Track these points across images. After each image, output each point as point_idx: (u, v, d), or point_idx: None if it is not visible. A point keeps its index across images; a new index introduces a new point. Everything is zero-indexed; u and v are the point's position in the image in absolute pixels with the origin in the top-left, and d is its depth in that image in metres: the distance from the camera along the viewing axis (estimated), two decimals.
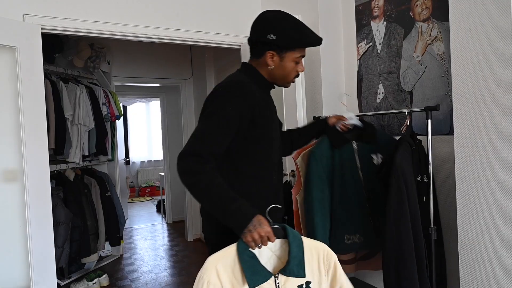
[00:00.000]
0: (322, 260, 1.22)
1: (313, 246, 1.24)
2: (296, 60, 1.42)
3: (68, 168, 3.52)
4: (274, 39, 1.36)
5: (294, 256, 1.18)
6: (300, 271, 1.17)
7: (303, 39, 1.40)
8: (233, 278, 1.14)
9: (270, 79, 1.46)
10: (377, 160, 1.83)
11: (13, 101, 2.15)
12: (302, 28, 1.41)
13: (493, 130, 1.36)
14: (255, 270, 1.14)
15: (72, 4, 2.34)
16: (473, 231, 1.45)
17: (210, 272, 1.13)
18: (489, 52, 1.36)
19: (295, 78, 1.49)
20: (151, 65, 4.85)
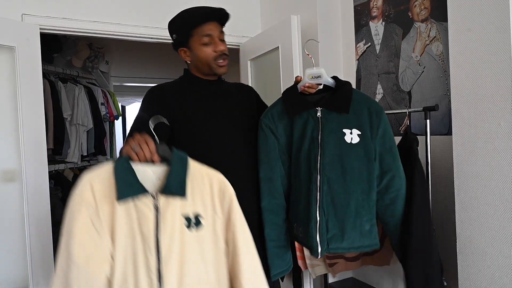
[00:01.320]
0: (216, 190, 1.10)
1: (205, 173, 1.11)
2: (203, 42, 1.41)
3: (67, 168, 3.51)
4: (176, 37, 1.45)
5: (175, 173, 1.05)
6: (180, 189, 1.04)
7: (190, 19, 1.42)
8: (110, 195, 1.03)
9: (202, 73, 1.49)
10: (351, 137, 1.38)
11: (12, 101, 2.15)
12: (189, 11, 1.42)
13: (491, 130, 1.37)
14: (127, 182, 1.02)
15: (71, 4, 2.34)
16: (471, 232, 1.45)
17: (84, 188, 1.03)
18: (488, 52, 1.36)
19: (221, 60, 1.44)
20: (150, 65, 4.84)
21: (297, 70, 2.25)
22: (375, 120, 1.41)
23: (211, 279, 1.07)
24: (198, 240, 1.06)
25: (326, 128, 1.40)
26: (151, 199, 1.04)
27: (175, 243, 1.03)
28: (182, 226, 1.05)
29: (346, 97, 1.40)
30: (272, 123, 1.48)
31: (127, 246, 1.02)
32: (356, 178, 1.40)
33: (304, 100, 1.45)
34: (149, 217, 1.03)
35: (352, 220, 1.40)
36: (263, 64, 2.63)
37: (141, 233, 1.02)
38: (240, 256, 1.08)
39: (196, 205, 1.07)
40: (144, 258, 1.01)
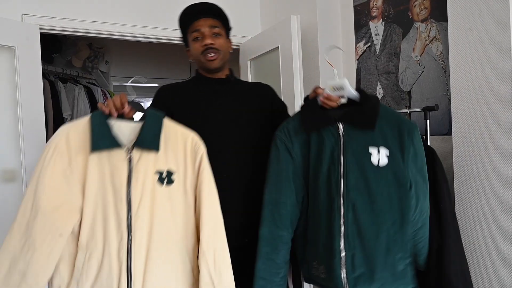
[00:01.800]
0: (189, 149, 1.12)
1: (180, 132, 1.14)
2: (193, 38, 1.43)
3: None
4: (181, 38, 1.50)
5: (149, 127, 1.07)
6: (153, 143, 1.06)
7: (183, 18, 1.45)
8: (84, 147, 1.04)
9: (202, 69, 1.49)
10: (378, 157, 1.18)
11: (12, 101, 2.15)
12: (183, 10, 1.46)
13: (491, 130, 1.36)
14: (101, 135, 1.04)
15: (70, 4, 2.34)
16: (471, 232, 1.45)
17: (59, 138, 1.05)
18: (488, 52, 1.36)
19: (208, 54, 1.42)
20: (150, 65, 4.84)
21: (297, 70, 2.25)
22: (407, 140, 1.20)
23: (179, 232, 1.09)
24: (169, 195, 1.07)
25: (350, 146, 1.19)
26: (124, 153, 1.05)
27: (147, 196, 1.04)
28: (154, 181, 1.06)
29: (372, 112, 1.20)
30: (288, 138, 1.26)
31: (97, 198, 1.03)
32: (386, 206, 1.18)
33: (324, 114, 1.24)
34: (121, 170, 1.04)
35: (383, 257, 1.18)
36: (263, 64, 2.63)
37: (112, 186, 1.03)
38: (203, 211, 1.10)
39: (169, 161, 1.09)
40: (115, 210, 1.02)
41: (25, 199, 1.01)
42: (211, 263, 1.08)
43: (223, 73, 1.52)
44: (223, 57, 1.47)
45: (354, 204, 1.17)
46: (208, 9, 1.44)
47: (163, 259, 1.07)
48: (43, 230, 0.98)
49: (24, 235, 0.98)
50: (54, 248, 0.99)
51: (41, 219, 0.98)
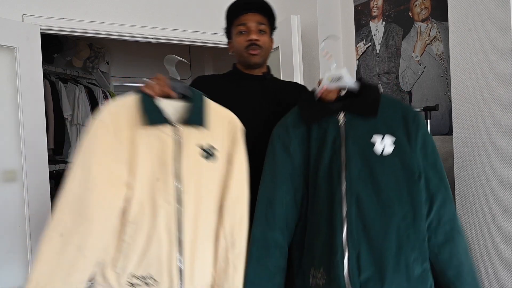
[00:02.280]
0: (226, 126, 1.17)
1: (219, 110, 1.19)
2: (238, 31, 1.42)
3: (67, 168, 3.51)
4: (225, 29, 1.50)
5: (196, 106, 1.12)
6: (200, 120, 1.10)
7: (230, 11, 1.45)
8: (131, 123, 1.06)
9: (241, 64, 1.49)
10: (382, 145, 1.09)
11: (12, 101, 2.15)
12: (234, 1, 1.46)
13: (492, 130, 1.36)
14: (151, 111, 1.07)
15: (71, 4, 2.34)
16: (472, 232, 1.45)
17: (104, 114, 1.06)
18: (488, 52, 1.36)
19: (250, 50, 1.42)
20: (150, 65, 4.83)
21: (297, 69, 2.25)
22: (412, 126, 1.09)
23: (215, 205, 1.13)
24: (213, 169, 1.11)
25: (351, 135, 1.10)
26: (171, 129, 1.08)
27: (193, 170, 1.08)
28: (199, 156, 1.10)
29: (373, 99, 1.12)
30: (286, 134, 1.18)
31: (147, 173, 1.05)
32: (394, 197, 1.06)
33: (323, 106, 1.17)
34: (169, 146, 1.07)
35: (394, 257, 1.03)
36: None
37: (161, 161, 1.06)
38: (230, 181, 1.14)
39: (212, 138, 1.13)
40: (164, 184, 1.05)
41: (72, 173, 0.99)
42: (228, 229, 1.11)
43: (260, 70, 1.52)
44: (265, 54, 1.48)
45: (358, 195, 1.06)
46: (259, 4, 1.44)
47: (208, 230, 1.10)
48: (98, 202, 0.98)
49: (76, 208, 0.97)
50: (108, 220, 1.00)
51: (95, 191, 0.98)
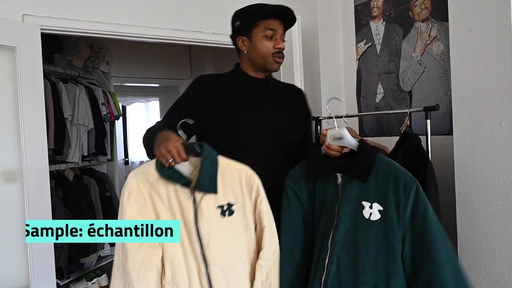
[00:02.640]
0: (244, 181, 1.22)
1: (234, 167, 1.23)
2: (265, 35, 1.42)
3: (68, 168, 3.51)
4: (239, 24, 1.46)
5: (206, 171, 1.16)
6: (211, 186, 1.16)
7: (258, 11, 1.43)
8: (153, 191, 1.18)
9: (254, 67, 1.48)
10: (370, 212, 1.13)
11: (13, 101, 2.15)
12: (260, 4, 1.46)
13: (492, 130, 1.36)
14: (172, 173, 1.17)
15: (71, 4, 2.34)
16: (472, 232, 1.45)
17: (131, 184, 1.18)
18: (489, 52, 1.36)
19: (276, 57, 1.44)
20: (150, 65, 4.84)
21: (298, 69, 2.25)
22: (403, 197, 1.08)
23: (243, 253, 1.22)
24: (232, 224, 1.20)
25: (345, 196, 1.17)
26: (188, 193, 1.17)
27: (213, 230, 1.17)
28: (217, 215, 1.18)
29: (366, 164, 1.14)
30: (296, 185, 1.30)
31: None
32: (370, 266, 1.10)
33: (325, 164, 1.24)
34: (188, 208, 1.17)
35: None
36: None
37: (184, 223, 1.17)
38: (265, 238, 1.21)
39: (228, 195, 1.20)
40: (190, 245, 1.16)
41: (116, 246, 1.20)
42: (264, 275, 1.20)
43: (265, 74, 1.53)
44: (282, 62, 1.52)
45: (339, 257, 1.15)
46: (290, 15, 1.46)
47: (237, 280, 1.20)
48: (135, 266, 1.12)
49: (123, 274, 1.14)
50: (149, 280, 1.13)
51: (131, 257, 1.12)
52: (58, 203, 3.17)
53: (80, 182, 3.57)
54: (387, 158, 1.19)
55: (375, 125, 2.29)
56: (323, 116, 2.27)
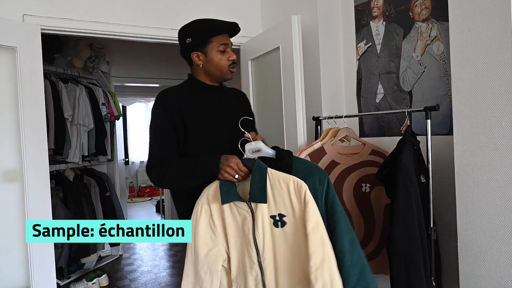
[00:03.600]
0: (293, 191, 1.28)
1: (282, 178, 1.30)
2: (219, 50, 1.56)
3: (68, 168, 3.51)
4: (191, 41, 1.57)
5: (255, 182, 1.28)
6: (261, 196, 1.26)
7: (211, 29, 1.56)
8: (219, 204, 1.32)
9: (209, 77, 1.63)
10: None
11: (13, 101, 2.15)
12: (208, 21, 1.59)
13: (493, 130, 1.36)
14: (228, 192, 1.30)
15: (71, 4, 2.34)
16: (472, 232, 1.45)
17: (203, 198, 1.35)
18: (489, 52, 1.36)
19: (231, 68, 1.60)
20: (151, 65, 4.85)
21: (298, 70, 2.25)
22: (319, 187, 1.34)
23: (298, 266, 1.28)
24: (284, 235, 1.29)
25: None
26: (246, 205, 1.31)
27: (268, 239, 1.29)
28: (271, 225, 1.29)
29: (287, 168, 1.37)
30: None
31: (237, 242, 1.33)
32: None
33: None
34: (247, 219, 1.30)
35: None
36: (263, 64, 2.63)
37: (243, 232, 1.31)
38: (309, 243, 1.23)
39: (279, 206, 1.29)
40: (247, 252, 1.30)
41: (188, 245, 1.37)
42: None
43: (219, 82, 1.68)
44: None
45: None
46: (236, 30, 1.63)
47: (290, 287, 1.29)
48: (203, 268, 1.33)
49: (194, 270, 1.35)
50: (213, 280, 1.33)
51: (200, 262, 1.33)
52: (58, 203, 3.17)
53: (80, 182, 3.57)
54: (302, 159, 1.42)
55: (375, 125, 2.29)
56: (323, 116, 2.27)
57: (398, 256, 1.53)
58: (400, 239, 1.53)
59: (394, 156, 1.66)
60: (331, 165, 2.04)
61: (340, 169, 2.04)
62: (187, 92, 1.62)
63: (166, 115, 1.52)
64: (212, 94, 1.64)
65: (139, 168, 8.87)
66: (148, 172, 1.49)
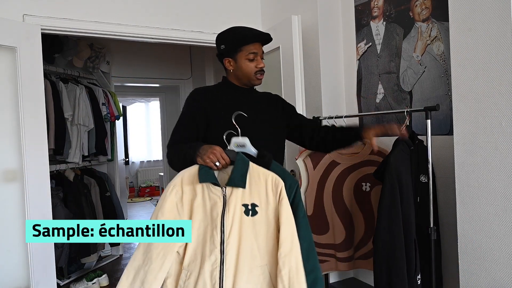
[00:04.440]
0: (270, 185, 1.37)
1: (261, 172, 1.39)
2: (248, 58, 1.65)
3: (68, 168, 3.51)
4: (224, 48, 1.68)
5: (238, 169, 1.35)
6: (241, 181, 1.33)
7: (241, 38, 1.66)
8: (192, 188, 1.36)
9: (239, 81, 1.71)
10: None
11: (13, 101, 2.15)
12: (242, 30, 1.68)
13: (493, 130, 1.36)
14: (207, 174, 1.35)
15: (72, 4, 2.35)
16: (473, 231, 1.45)
17: (177, 180, 1.37)
18: (489, 52, 1.36)
19: (259, 74, 1.68)
20: (151, 65, 4.85)
21: (298, 70, 2.25)
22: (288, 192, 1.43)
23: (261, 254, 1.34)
24: (253, 224, 1.34)
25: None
26: (220, 190, 1.34)
27: (235, 225, 1.32)
28: (241, 213, 1.33)
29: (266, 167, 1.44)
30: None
31: (200, 226, 1.33)
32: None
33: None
34: (218, 204, 1.33)
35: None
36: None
37: (211, 216, 1.33)
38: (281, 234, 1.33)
39: (253, 197, 1.35)
40: (211, 236, 1.31)
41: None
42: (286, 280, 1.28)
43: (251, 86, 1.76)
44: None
45: None
46: (267, 40, 1.70)
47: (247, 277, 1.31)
48: (158, 247, 1.30)
49: (145, 251, 1.31)
50: (164, 262, 1.30)
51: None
52: (59, 203, 3.17)
53: (80, 182, 3.57)
54: (280, 165, 1.51)
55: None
56: (323, 116, 2.27)
57: (381, 250, 1.60)
58: (383, 233, 1.60)
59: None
60: (332, 164, 2.04)
61: (340, 169, 2.05)
62: (217, 92, 1.72)
63: (191, 111, 1.66)
64: (242, 96, 1.72)
65: (139, 168, 8.87)
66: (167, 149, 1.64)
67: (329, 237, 2.07)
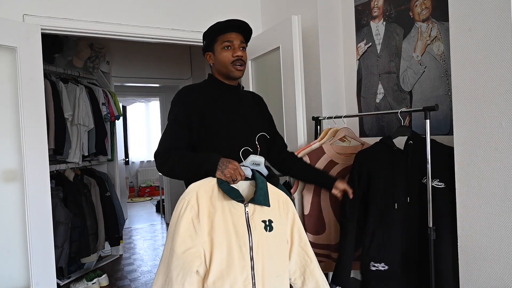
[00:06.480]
0: (281, 204, 1.46)
1: (273, 190, 1.46)
2: (223, 46, 1.61)
3: (68, 168, 3.52)
4: (205, 43, 1.68)
5: (260, 188, 1.39)
6: (266, 201, 1.38)
7: (216, 29, 1.63)
8: (210, 203, 1.33)
9: (222, 76, 1.66)
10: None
11: (13, 101, 2.15)
12: (219, 22, 1.63)
13: (493, 130, 1.36)
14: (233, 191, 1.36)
15: (72, 4, 2.35)
16: (473, 232, 1.45)
17: (191, 195, 1.33)
18: (489, 52, 1.36)
19: (237, 64, 1.61)
20: (151, 65, 4.85)
21: (298, 70, 2.25)
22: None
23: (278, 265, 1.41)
24: (272, 238, 1.39)
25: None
26: (243, 207, 1.36)
27: (260, 241, 1.35)
28: (262, 228, 1.37)
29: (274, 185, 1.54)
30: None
31: (222, 243, 1.30)
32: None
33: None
34: (242, 220, 1.35)
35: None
36: (264, 64, 2.63)
37: (235, 233, 1.32)
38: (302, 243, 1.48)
39: (269, 213, 1.41)
40: (240, 253, 1.31)
41: (166, 242, 1.33)
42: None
43: (236, 82, 1.71)
44: (245, 69, 1.68)
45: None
46: (243, 26, 1.65)
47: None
48: (176, 268, 1.27)
49: (166, 271, 1.29)
50: (184, 283, 1.26)
51: (175, 260, 1.27)
52: (59, 203, 3.17)
53: (80, 182, 3.57)
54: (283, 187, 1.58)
55: (375, 125, 2.29)
56: (323, 116, 2.27)
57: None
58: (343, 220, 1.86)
59: None
60: (330, 164, 2.04)
61: (338, 169, 2.04)
62: (208, 90, 1.67)
63: (184, 110, 1.58)
64: (230, 93, 1.69)
65: (139, 168, 8.87)
66: (155, 157, 1.54)
67: (326, 238, 2.07)
